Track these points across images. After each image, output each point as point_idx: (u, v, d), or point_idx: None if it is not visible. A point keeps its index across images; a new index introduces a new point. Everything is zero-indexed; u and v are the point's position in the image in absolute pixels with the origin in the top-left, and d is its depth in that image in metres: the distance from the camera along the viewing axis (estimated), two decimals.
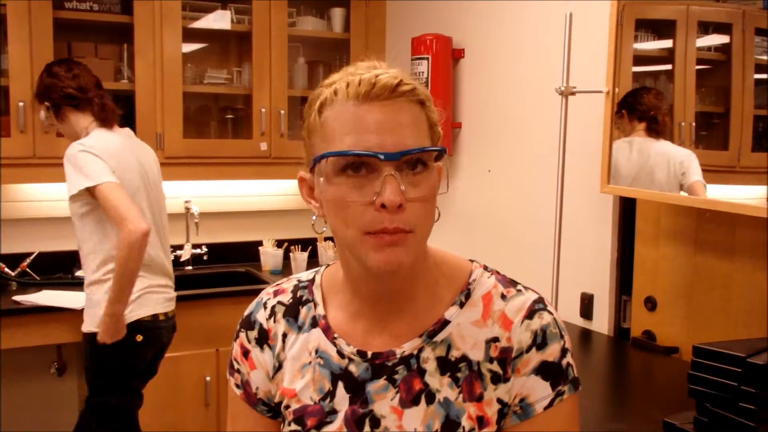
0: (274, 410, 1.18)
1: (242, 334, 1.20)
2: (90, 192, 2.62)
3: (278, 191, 4.29)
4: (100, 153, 2.63)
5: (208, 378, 3.48)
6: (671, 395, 2.10)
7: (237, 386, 1.21)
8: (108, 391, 2.79)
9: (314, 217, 1.09)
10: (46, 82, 2.77)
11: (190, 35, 3.82)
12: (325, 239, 4.12)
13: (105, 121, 2.79)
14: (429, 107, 1.05)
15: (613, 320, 2.76)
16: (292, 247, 4.05)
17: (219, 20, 3.87)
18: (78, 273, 3.64)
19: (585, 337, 2.75)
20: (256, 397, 1.19)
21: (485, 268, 1.14)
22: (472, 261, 1.15)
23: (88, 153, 2.62)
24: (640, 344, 2.60)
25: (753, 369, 1.62)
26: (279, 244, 4.09)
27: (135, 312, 2.74)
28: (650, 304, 2.59)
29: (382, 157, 0.97)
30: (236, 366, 1.20)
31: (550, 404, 1.05)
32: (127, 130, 2.92)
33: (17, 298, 3.30)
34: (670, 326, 2.52)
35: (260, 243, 4.10)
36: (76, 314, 3.23)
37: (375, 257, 0.99)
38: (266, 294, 1.21)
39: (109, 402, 2.79)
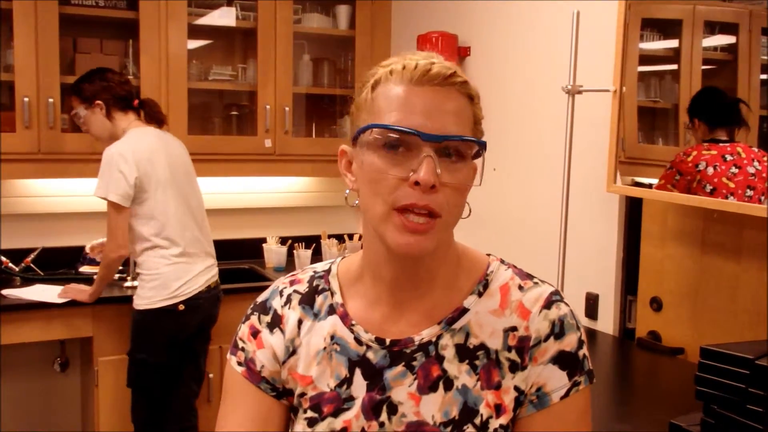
0: (278, 391, 1.16)
1: (254, 317, 1.19)
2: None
3: (282, 188, 4.28)
4: (127, 161, 2.95)
5: (211, 375, 3.47)
6: (677, 396, 2.10)
7: (239, 364, 1.18)
8: (147, 352, 3.08)
9: (348, 191, 1.11)
10: (101, 84, 3.06)
11: (195, 32, 3.81)
12: (329, 236, 4.11)
13: (151, 123, 3.18)
14: (477, 105, 1.09)
15: (619, 320, 2.76)
16: (296, 245, 4.04)
17: (224, 17, 3.86)
18: (81, 269, 3.65)
19: (590, 337, 2.74)
20: (260, 375, 1.16)
21: (502, 261, 1.16)
22: (489, 255, 1.17)
23: (115, 164, 2.94)
24: (646, 345, 2.59)
25: (761, 371, 1.62)
26: (283, 241, 4.08)
27: (178, 292, 3.06)
28: (656, 304, 2.58)
29: (423, 136, 0.99)
30: (240, 344, 1.19)
31: (567, 394, 1.06)
32: (159, 130, 3.20)
33: (4, 292, 3.30)
34: (676, 327, 2.52)
35: (264, 240, 4.10)
36: (78, 310, 3.26)
37: (398, 239, 1.01)
38: (282, 283, 1.21)
39: (148, 360, 3.08)
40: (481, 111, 1.09)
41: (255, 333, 1.18)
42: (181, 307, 3.05)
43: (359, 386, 1.10)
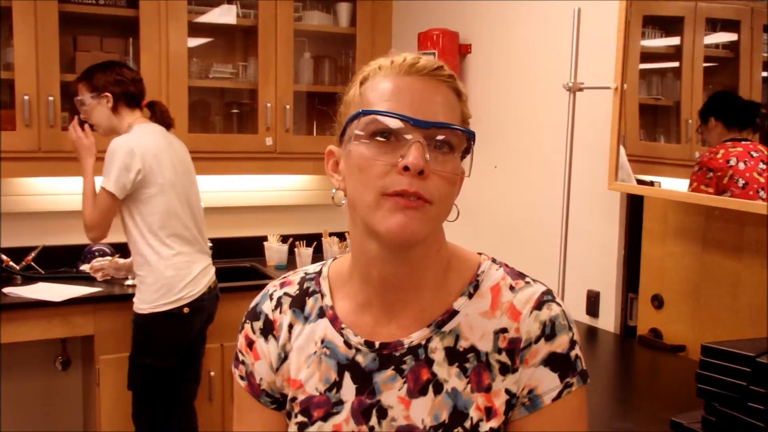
0: (278, 401, 1.18)
1: (247, 325, 1.19)
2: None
3: (283, 186, 4.28)
4: (133, 155, 2.93)
5: (212, 373, 3.47)
6: (678, 394, 2.10)
7: (241, 378, 1.20)
8: (152, 356, 3.06)
9: (334, 191, 1.10)
10: (114, 77, 3.05)
11: (195, 29, 3.81)
12: (330, 234, 4.11)
13: (156, 122, 3.15)
14: (464, 103, 1.08)
15: (620, 318, 2.76)
16: (297, 243, 4.04)
17: (225, 14, 3.86)
18: (82, 267, 3.64)
19: (591, 334, 2.74)
20: (260, 388, 1.18)
21: (493, 260, 1.14)
22: (480, 254, 1.15)
23: (119, 155, 2.92)
24: (647, 342, 2.59)
25: (762, 368, 1.61)
26: (284, 239, 4.08)
27: (182, 294, 3.03)
28: (657, 301, 2.58)
29: (412, 122, 0.99)
30: (241, 357, 1.20)
31: (558, 396, 1.05)
32: (162, 128, 3.16)
33: (5, 290, 3.31)
34: (677, 324, 2.51)
35: (265, 238, 4.10)
36: (79, 309, 3.27)
37: (389, 221, 0.99)
38: (272, 286, 1.21)
39: (152, 365, 3.05)
40: (468, 110, 1.08)
41: (250, 343, 1.19)
42: (186, 310, 3.04)
43: (348, 390, 1.10)
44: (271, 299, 1.19)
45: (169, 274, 3.01)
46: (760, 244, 2.21)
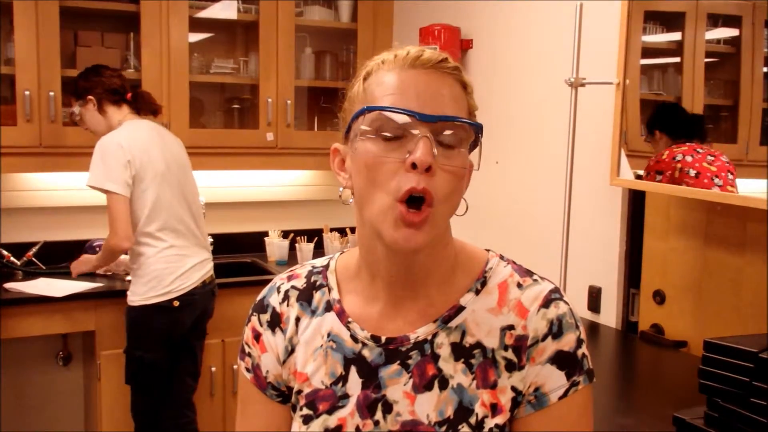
0: (283, 395, 1.18)
1: (254, 318, 1.20)
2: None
3: (284, 182, 4.28)
4: (124, 151, 2.94)
5: (213, 368, 3.47)
6: (680, 390, 2.10)
7: (247, 370, 1.20)
8: (144, 349, 3.07)
9: (342, 189, 1.10)
10: (94, 79, 3.08)
11: (196, 24, 3.80)
12: (331, 230, 4.11)
13: (142, 113, 3.17)
14: (470, 95, 1.07)
15: (621, 313, 2.75)
16: (298, 238, 4.04)
17: (226, 10, 3.85)
18: None
19: (593, 330, 2.74)
20: (266, 380, 1.18)
21: (501, 257, 1.14)
22: (488, 250, 1.15)
23: (111, 153, 2.93)
24: (648, 338, 2.58)
25: (765, 364, 1.61)
26: (285, 234, 4.08)
27: (172, 287, 3.04)
28: (659, 297, 2.58)
29: (418, 116, 0.98)
30: (247, 350, 1.20)
31: (565, 394, 1.05)
32: (154, 123, 3.19)
33: (6, 285, 3.31)
34: (679, 320, 2.51)
35: (266, 233, 4.10)
36: (80, 304, 3.27)
37: (394, 233, 0.99)
38: (280, 279, 1.21)
39: (144, 357, 3.07)
40: (474, 102, 1.08)
41: (257, 336, 1.19)
42: (176, 303, 3.04)
43: (354, 384, 1.10)
44: (279, 292, 1.19)
45: (159, 266, 3.02)
46: (762, 239, 2.21)
